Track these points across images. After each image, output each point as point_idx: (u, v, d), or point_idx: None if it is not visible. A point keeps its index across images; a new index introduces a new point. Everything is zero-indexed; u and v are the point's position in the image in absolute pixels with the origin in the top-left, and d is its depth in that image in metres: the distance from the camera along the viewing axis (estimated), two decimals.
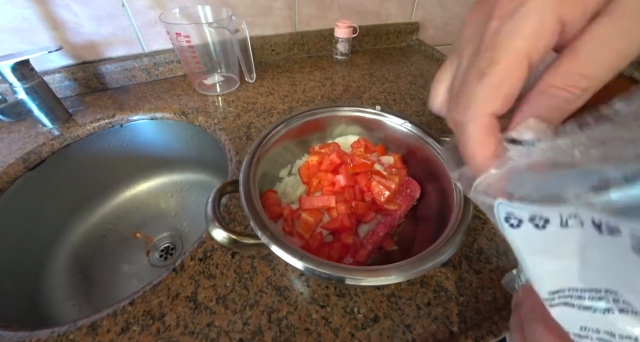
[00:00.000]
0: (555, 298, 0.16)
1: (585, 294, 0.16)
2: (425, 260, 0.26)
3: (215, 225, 0.27)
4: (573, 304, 0.16)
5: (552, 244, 0.16)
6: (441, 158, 0.32)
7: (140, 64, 0.62)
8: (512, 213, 0.16)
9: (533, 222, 0.16)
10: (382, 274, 0.24)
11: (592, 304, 0.15)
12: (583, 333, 0.16)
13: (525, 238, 0.16)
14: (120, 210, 0.63)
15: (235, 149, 0.49)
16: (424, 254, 0.26)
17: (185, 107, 0.58)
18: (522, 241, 0.17)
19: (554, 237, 0.15)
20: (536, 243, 0.16)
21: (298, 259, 0.23)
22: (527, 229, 0.16)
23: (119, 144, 0.60)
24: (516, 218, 0.16)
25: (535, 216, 0.16)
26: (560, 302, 0.16)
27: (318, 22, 0.73)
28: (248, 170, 0.30)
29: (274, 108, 0.58)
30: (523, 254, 0.17)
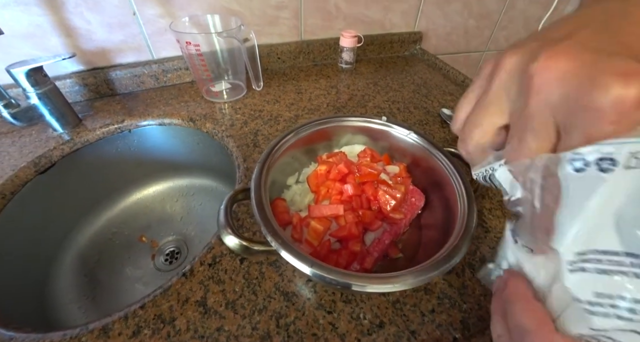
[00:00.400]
0: (578, 261, 0.16)
1: (603, 256, 0.15)
2: (431, 268, 0.27)
3: (227, 232, 0.27)
4: (592, 269, 0.16)
5: (601, 195, 0.15)
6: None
7: (149, 70, 0.64)
8: (580, 154, 0.16)
9: (599, 166, 0.15)
10: (391, 282, 0.25)
11: (609, 267, 0.15)
12: (596, 300, 0.16)
13: (584, 184, 0.16)
14: (127, 214, 0.64)
15: (242, 156, 0.50)
16: (431, 262, 0.27)
17: (193, 114, 0.59)
18: (580, 188, 0.16)
19: (608, 186, 0.15)
20: (587, 193, 0.16)
21: (309, 266, 0.24)
22: (590, 174, 0.16)
23: (126, 149, 0.61)
24: (583, 160, 0.16)
25: (605, 157, 0.15)
26: (579, 268, 0.16)
27: (323, 32, 0.75)
28: (259, 178, 0.31)
29: (280, 116, 0.59)
30: (573, 202, 0.16)
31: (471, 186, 0.35)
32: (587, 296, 0.16)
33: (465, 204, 0.33)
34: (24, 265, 0.49)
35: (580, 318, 0.16)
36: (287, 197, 0.38)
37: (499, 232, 0.42)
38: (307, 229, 0.31)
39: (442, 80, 0.77)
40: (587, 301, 0.16)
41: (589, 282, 0.16)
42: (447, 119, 0.62)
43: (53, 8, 0.53)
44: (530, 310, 0.19)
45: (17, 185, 0.48)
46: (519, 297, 0.20)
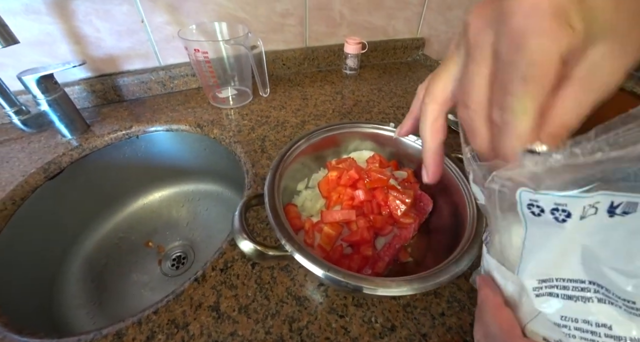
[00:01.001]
0: (543, 287, 0.18)
1: (570, 284, 0.17)
2: (443, 271, 0.27)
3: (243, 237, 0.28)
4: (557, 294, 0.17)
5: (562, 237, 0.17)
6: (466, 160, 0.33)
7: (156, 76, 0.64)
8: (536, 201, 0.16)
9: (554, 215, 0.16)
10: (404, 285, 0.25)
11: (574, 293, 0.17)
12: (563, 323, 0.17)
13: (540, 227, 0.17)
14: (133, 219, 0.64)
15: (251, 162, 0.50)
16: (443, 266, 0.28)
17: (200, 120, 0.59)
18: (536, 229, 0.17)
19: (567, 231, 0.16)
20: (547, 234, 0.17)
21: (325, 270, 0.25)
22: (546, 219, 0.17)
23: (133, 155, 0.61)
24: (538, 207, 0.17)
25: (558, 208, 0.16)
26: (546, 292, 0.18)
27: (328, 38, 0.76)
28: (272, 184, 0.32)
29: (287, 121, 0.60)
30: (530, 241, 0.18)
31: None
32: (554, 318, 0.17)
33: (474, 209, 0.33)
34: (32, 270, 0.49)
35: (549, 328, 0.18)
36: (298, 203, 0.38)
37: None
38: (320, 234, 0.32)
39: None
40: (554, 322, 0.17)
41: (555, 306, 0.17)
42: (451, 125, 0.62)
43: (63, 16, 0.54)
44: (498, 316, 0.20)
45: (27, 191, 0.48)
46: (489, 304, 0.21)
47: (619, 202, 0.15)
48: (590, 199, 0.15)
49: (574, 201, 0.15)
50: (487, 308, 0.21)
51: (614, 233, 0.15)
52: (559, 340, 0.18)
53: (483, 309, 0.22)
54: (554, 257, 0.17)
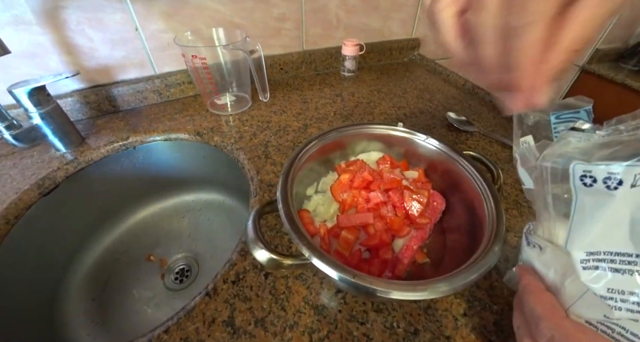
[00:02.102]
0: (590, 260, 0.18)
1: (617, 257, 0.18)
2: (471, 271, 0.26)
3: (259, 246, 0.26)
4: (605, 267, 0.18)
5: (611, 207, 0.18)
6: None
7: (151, 85, 0.63)
8: (590, 171, 0.18)
9: (606, 183, 0.17)
10: (435, 287, 0.24)
11: (621, 267, 0.17)
12: (609, 295, 0.17)
13: (591, 198, 0.18)
14: (133, 233, 0.62)
15: (255, 169, 0.49)
16: (470, 264, 0.27)
17: (199, 127, 0.58)
18: (587, 200, 0.18)
19: (617, 200, 0.17)
20: (597, 204, 0.18)
21: (350, 277, 0.23)
22: (598, 189, 0.18)
23: (131, 166, 0.59)
24: (591, 177, 0.18)
25: (611, 176, 0.17)
26: (593, 266, 0.18)
27: (325, 41, 0.75)
28: (285, 189, 0.31)
29: (289, 126, 0.59)
30: (580, 213, 0.19)
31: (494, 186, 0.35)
32: (600, 290, 0.18)
33: (492, 207, 0.32)
34: (30, 290, 0.47)
35: (594, 306, 0.18)
36: (310, 208, 0.37)
37: (518, 231, 0.42)
38: (337, 240, 0.31)
39: (443, 84, 0.78)
40: (600, 295, 0.18)
41: (602, 279, 0.18)
42: (454, 123, 0.62)
43: (54, 26, 0.52)
44: (542, 299, 0.20)
45: (21, 209, 0.46)
46: (531, 288, 0.21)
47: None
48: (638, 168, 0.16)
49: (626, 170, 0.17)
50: (529, 293, 0.21)
51: None
52: (602, 320, 0.18)
53: (525, 295, 0.22)
54: (603, 230, 0.18)
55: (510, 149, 0.57)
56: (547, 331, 0.19)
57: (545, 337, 0.19)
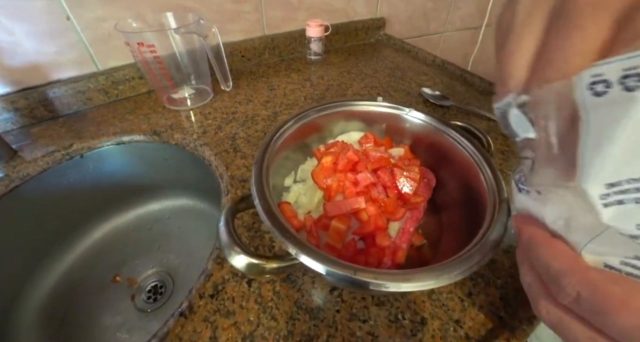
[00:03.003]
0: (611, 194, 0.14)
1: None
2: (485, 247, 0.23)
3: (234, 250, 0.22)
4: (631, 200, 0.14)
5: (635, 116, 0.13)
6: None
7: (95, 84, 0.55)
8: (601, 75, 0.14)
9: (623, 85, 0.13)
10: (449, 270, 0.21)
11: None
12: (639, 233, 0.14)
13: (606, 112, 0.14)
14: (92, 253, 0.55)
15: (224, 164, 0.44)
16: (480, 241, 0.24)
17: (156, 126, 0.51)
18: (601, 116, 0.14)
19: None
20: (615, 118, 0.14)
21: (352, 274, 0.19)
22: (614, 95, 0.13)
23: (80, 178, 0.51)
24: (604, 81, 0.14)
25: (629, 73, 0.13)
26: (615, 200, 0.14)
27: (287, 24, 0.70)
28: (260, 181, 0.26)
29: (257, 115, 0.54)
30: (592, 135, 0.14)
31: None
32: (629, 229, 0.14)
33: (490, 175, 0.30)
34: None
35: (615, 247, 0.15)
36: (291, 200, 0.32)
37: None
38: (327, 232, 0.27)
39: (413, 62, 0.76)
40: (629, 235, 0.14)
41: (629, 215, 0.14)
42: (430, 98, 0.60)
43: None
44: (556, 250, 0.17)
45: None
46: (538, 240, 0.18)
47: None
48: None
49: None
50: (537, 245, 0.18)
51: None
52: (627, 261, 0.15)
53: (532, 248, 0.18)
54: (624, 151, 0.14)
55: (488, 120, 0.56)
56: (571, 288, 0.15)
57: (569, 296, 0.16)
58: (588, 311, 0.15)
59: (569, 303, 0.16)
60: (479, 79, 0.68)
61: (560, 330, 0.17)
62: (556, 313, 0.17)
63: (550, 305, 0.17)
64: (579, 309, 0.16)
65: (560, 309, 0.17)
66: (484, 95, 0.64)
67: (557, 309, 0.17)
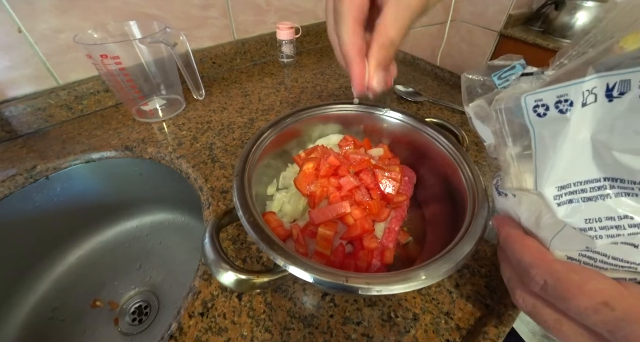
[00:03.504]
0: (563, 195, 0.18)
1: (587, 186, 0.17)
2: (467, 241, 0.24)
3: (222, 267, 0.21)
4: (578, 199, 0.17)
5: (570, 132, 0.17)
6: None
7: (57, 100, 0.52)
8: (540, 100, 0.17)
9: (558, 108, 0.17)
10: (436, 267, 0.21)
11: (593, 194, 0.17)
12: (588, 226, 0.17)
13: (550, 128, 0.17)
14: (68, 279, 0.52)
15: (203, 177, 0.42)
16: (463, 236, 0.24)
17: (127, 141, 0.49)
18: (544, 132, 0.17)
19: (573, 124, 0.16)
20: (556, 133, 0.17)
21: (344, 281, 0.19)
22: (553, 116, 0.17)
23: (48, 201, 0.48)
24: (544, 105, 0.17)
25: (561, 99, 0.16)
26: (566, 200, 0.18)
27: (257, 28, 0.69)
28: (242, 193, 0.25)
29: (234, 123, 0.52)
30: (541, 147, 0.18)
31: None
32: (579, 224, 0.17)
33: (468, 170, 0.31)
34: None
35: (573, 241, 0.18)
36: (275, 209, 0.32)
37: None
38: (315, 239, 0.26)
39: None
40: (579, 228, 0.17)
41: (577, 212, 0.17)
42: (403, 95, 0.61)
43: None
44: (527, 246, 0.20)
45: None
46: (513, 238, 0.21)
47: (614, 82, 0.15)
48: (587, 84, 0.16)
49: (573, 89, 0.16)
50: (512, 243, 0.21)
51: (617, 116, 0.15)
52: (583, 252, 0.18)
53: (508, 246, 0.21)
54: (567, 160, 0.17)
55: (461, 113, 0.58)
56: (539, 277, 0.18)
57: (538, 285, 0.19)
58: (553, 297, 0.18)
59: (538, 291, 0.19)
60: (449, 73, 0.70)
61: (534, 315, 0.20)
62: (530, 301, 0.20)
63: (525, 294, 0.20)
64: (547, 296, 0.19)
65: (533, 296, 0.20)
66: (455, 89, 0.66)
67: (530, 297, 0.20)
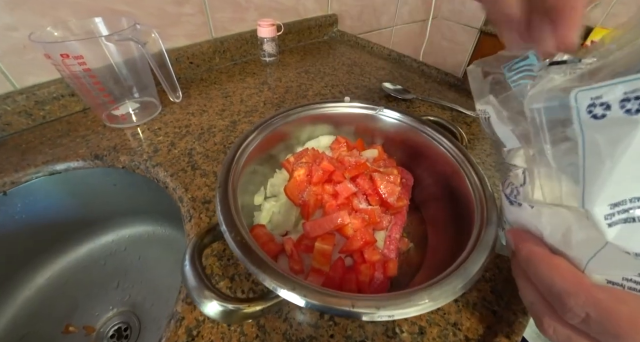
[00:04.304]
0: (615, 214, 0.15)
1: None
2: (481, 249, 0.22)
3: (205, 296, 0.18)
4: (635, 218, 0.14)
5: (637, 137, 0.13)
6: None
7: (13, 106, 0.47)
8: (599, 97, 0.14)
9: (624, 108, 0.13)
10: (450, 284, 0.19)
11: None
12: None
13: (608, 132, 0.14)
14: (35, 304, 0.47)
15: (182, 186, 0.39)
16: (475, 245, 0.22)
17: (97, 149, 0.45)
18: (600, 138, 0.14)
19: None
20: (616, 139, 0.14)
21: (349, 307, 0.17)
22: (614, 118, 0.13)
23: (8, 219, 0.43)
24: (603, 104, 0.14)
25: (629, 96, 0.13)
26: (620, 220, 0.14)
27: (236, 25, 0.66)
28: (226, 204, 0.22)
29: (214, 126, 0.49)
30: (593, 157, 0.15)
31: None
32: (635, 247, 0.14)
33: (470, 169, 0.29)
34: None
35: (617, 263, 0.15)
36: (264, 221, 0.29)
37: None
38: (312, 254, 0.24)
39: (370, 57, 0.75)
40: (635, 253, 0.14)
41: (634, 233, 0.14)
42: (392, 93, 0.59)
43: None
44: (557, 268, 0.17)
45: None
46: (538, 258, 0.18)
47: None
48: None
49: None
50: (536, 263, 0.18)
51: None
52: (629, 277, 0.15)
53: (531, 266, 0.18)
54: (626, 171, 0.14)
55: (451, 110, 0.56)
56: (579, 308, 0.15)
57: (578, 317, 0.15)
58: (599, 333, 0.15)
59: (577, 323, 0.16)
60: (435, 70, 0.69)
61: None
62: (563, 332, 0.17)
63: (557, 324, 0.17)
64: (588, 330, 0.15)
65: (568, 328, 0.17)
66: (443, 86, 0.65)
67: (565, 329, 0.17)
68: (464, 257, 0.21)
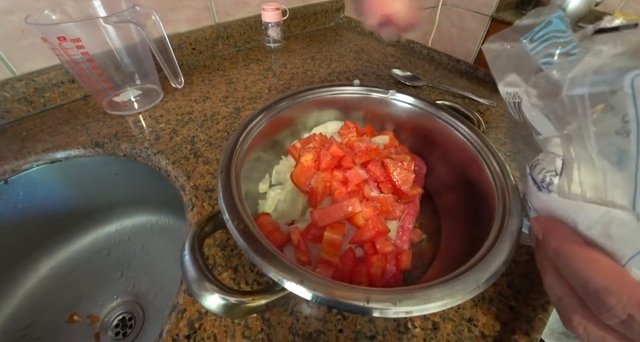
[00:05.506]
0: None
1: None
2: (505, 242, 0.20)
3: (206, 289, 0.17)
4: None
5: None
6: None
7: (13, 92, 0.45)
8: None
9: None
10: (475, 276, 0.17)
11: None
12: None
13: None
14: (39, 294, 0.46)
15: (185, 173, 0.37)
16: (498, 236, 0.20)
17: (97, 136, 0.43)
18: None
19: None
20: None
21: (364, 303, 0.15)
22: None
23: (10, 208, 0.43)
24: None
25: None
26: None
27: (240, 10, 0.63)
28: (229, 192, 0.21)
29: (217, 113, 0.47)
30: None
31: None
32: None
33: (492, 160, 0.27)
34: None
35: None
36: (269, 209, 0.28)
37: None
38: (321, 244, 0.22)
39: (377, 44, 0.72)
40: None
41: None
42: (401, 79, 0.57)
43: None
44: (595, 262, 0.15)
45: None
46: (571, 250, 0.16)
47: None
48: None
49: None
50: (569, 256, 0.16)
51: None
52: None
53: (563, 259, 0.16)
54: None
55: (462, 97, 0.54)
56: (620, 309, 0.14)
57: (617, 318, 0.14)
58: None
59: (615, 324, 0.14)
60: (446, 57, 0.66)
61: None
62: (596, 332, 0.15)
63: (589, 323, 0.15)
64: (630, 332, 0.14)
65: (603, 328, 0.15)
66: (453, 73, 0.62)
67: (599, 329, 0.15)
68: (487, 249, 0.19)
